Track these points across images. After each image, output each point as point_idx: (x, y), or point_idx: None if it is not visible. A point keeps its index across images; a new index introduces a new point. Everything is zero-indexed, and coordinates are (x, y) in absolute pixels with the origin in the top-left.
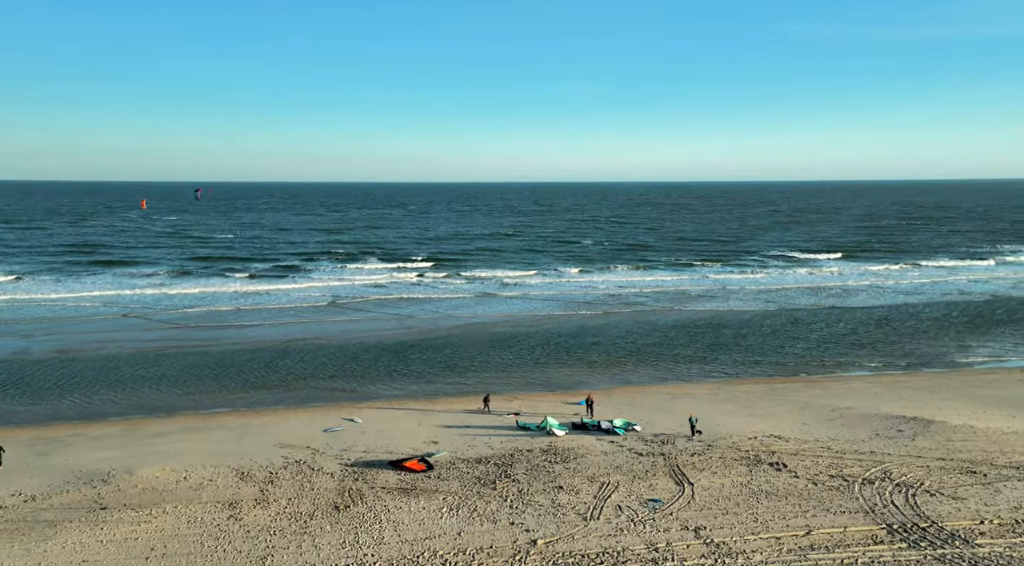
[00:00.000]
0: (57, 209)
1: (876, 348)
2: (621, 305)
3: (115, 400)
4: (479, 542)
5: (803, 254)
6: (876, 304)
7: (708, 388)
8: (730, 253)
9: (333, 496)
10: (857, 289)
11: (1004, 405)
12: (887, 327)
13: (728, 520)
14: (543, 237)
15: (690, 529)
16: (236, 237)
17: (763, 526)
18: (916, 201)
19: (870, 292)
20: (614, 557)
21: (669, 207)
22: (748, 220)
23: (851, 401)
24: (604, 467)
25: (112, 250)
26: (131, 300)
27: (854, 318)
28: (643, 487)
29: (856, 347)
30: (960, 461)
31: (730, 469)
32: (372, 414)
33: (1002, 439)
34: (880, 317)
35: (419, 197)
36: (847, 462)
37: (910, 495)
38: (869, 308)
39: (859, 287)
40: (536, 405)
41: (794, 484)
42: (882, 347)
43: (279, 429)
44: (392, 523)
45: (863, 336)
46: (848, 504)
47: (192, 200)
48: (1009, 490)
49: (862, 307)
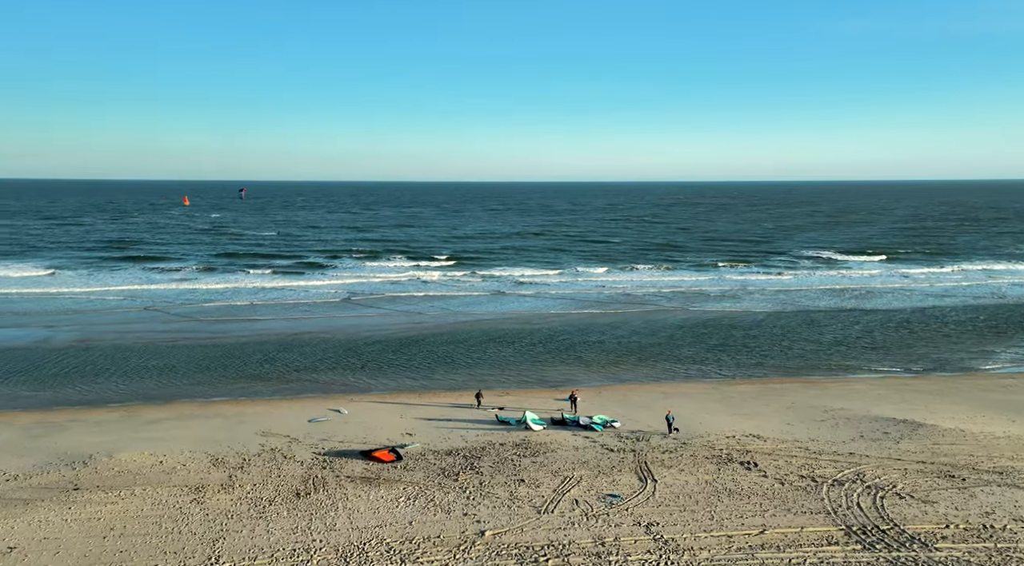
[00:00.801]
0: (103, 206)
1: (890, 351)
2: (633, 304)
3: (120, 387)
4: (428, 531)
5: (838, 255)
6: (900, 306)
7: (703, 388)
8: (760, 253)
9: (297, 483)
10: (884, 291)
11: (1008, 410)
12: (906, 330)
13: (683, 517)
14: (571, 236)
15: (642, 525)
16: (267, 234)
17: (718, 524)
18: (966, 201)
19: (896, 294)
20: (559, 550)
21: (704, 207)
22: (785, 220)
23: (847, 403)
24: (571, 462)
25: (145, 246)
26: (153, 294)
27: (873, 320)
28: (605, 482)
29: (868, 350)
30: (941, 465)
31: (698, 467)
32: (361, 406)
33: (992, 443)
34: (902, 320)
35: (454, 195)
36: (821, 463)
37: (878, 498)
38: (892, 310)
39: (886, 289)
40: (526, 401)
41: (760, 483)
42: (897, 350)
43: (269, 418)
44: (347, 511)
45: (878, 339)
46: (811, 505)
47: (236, 198)
48: (985, 495)
49: (884, 309)
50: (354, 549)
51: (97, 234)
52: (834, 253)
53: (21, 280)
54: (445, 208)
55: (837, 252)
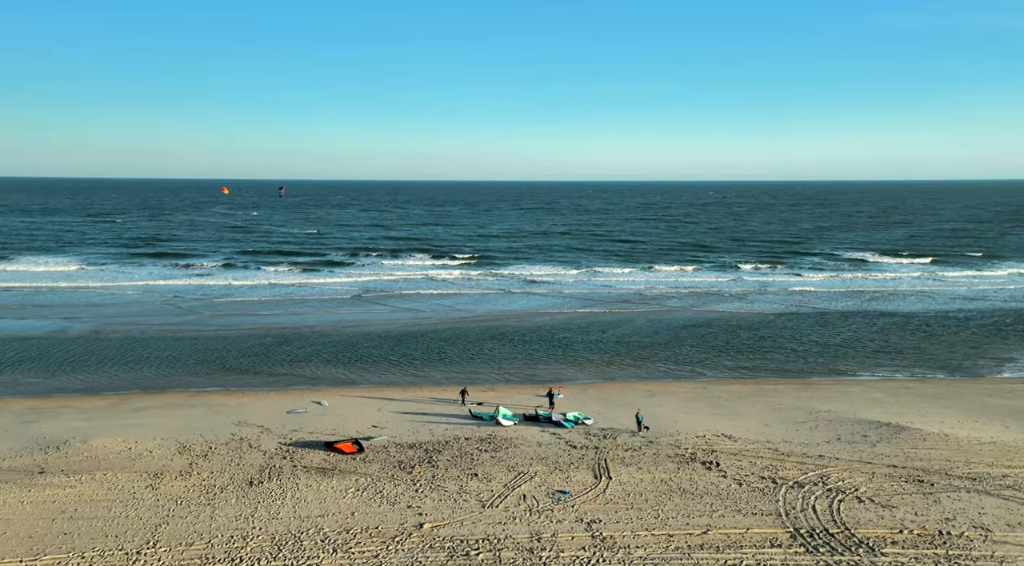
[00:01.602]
0: (147, 204)
1: (901, 354)
2: (643, 304)
3: (119, 376)
4: (368, 522)
5: (874, 256)
6: (924, 309)
7: (692, 387)
8: (790, 254)
9: (253, 472)
10: (909, 293)
11: (1005, 415)
12: (924, 333)
13: (628, 515)
14: (596, 236)
15: (584, 522)
16: (295, 232)
17: (662, 523)
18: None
19: (922, 297)
20: (493, 544)
21: (742, 206)
22: (824, 220)
23: (835, 405)
24: (530, 457)
25: (174, 243)
26: (172, 289)
27: (890, 323)
28: (559, 479)
29: (878, 353)
30: (913, 469)
31: (658, 466)
32: (344, 399)
33: (974, 449)
34: (921, 322)
35: (488, 194)
36: (787, 464)
37: (836, 501)
38: (913, 313)
39: (912, 291)
40: (510, 397)
41: (717, 483)
42: (908, 353)
43: (250, 409)
44: (294, 500)
45: (891, 341)
46: (764, 506)
47: (276, 196)
48: (950, 501)
49: (905, 312)
50: (290, 538)
51: (133, 231)
52: (869, 254)
53: (52, 274)
54: (477, 207)
55: (873, 253)
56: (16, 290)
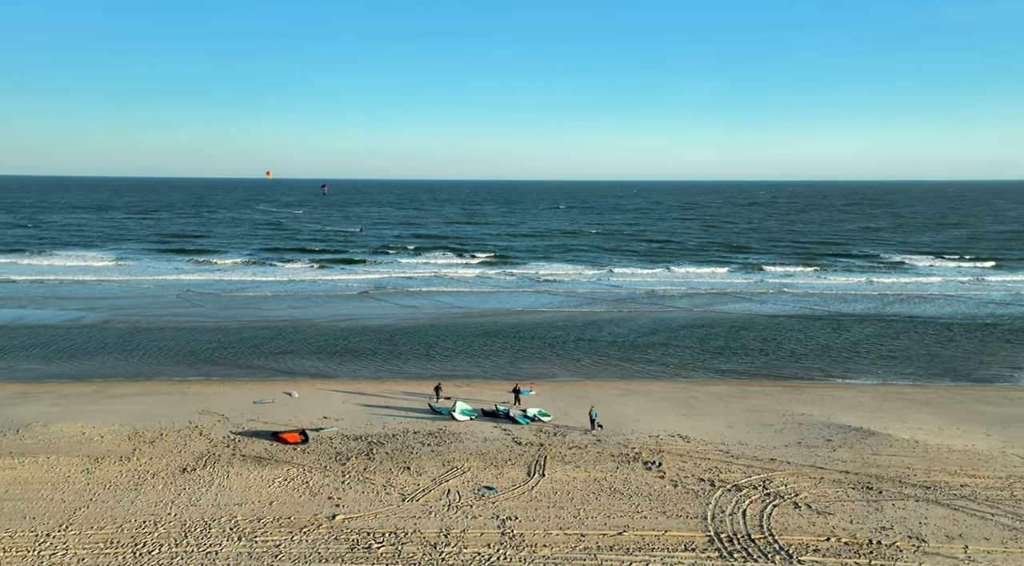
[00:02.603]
0: (200, 201)
1: (909, 359)
2: (651, 304)
3: (110, 364)
4: (283, 512)
5: (917, 258)
6: (951, 313)
7: (671, 387)
8: (827, 256)
9: (190, 459)
10: (937, 297)
11: (991, 423)
12: (942, 338)
13: (548, 513)
14: (627, 235)
15: (500, 518)
16: (326, 229)
17: (579, 522)
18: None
19: (952, 300)
20: (398, 537)
21: (791, 206)
22: (875, 220)
23: (813, 408)
24: (470, 453)
25: (204, 239)
26: (188, 283)
27: (909, 327)
28: (490, 475)
29: (884, 357)
30: (866, 476)
31: (597, 465)
32: (315, 391)
33: (941, 456)
34: (942, 327)
35: (531, 193)
36: (734, 467)
37: (770, 506)
38: (937, 317)
39: (944, 295)
40: (483, 392)
41: (651, 484)
42: (918, 358)
43: (220, 398)
44: (218, 488)
45: (902, 346)
46: (692, 509)
47: (319, 195)
48: (894, 509)
49: (929, 316)
50: (201, 524)
51: (171, 227)
52: (913, 257)
53: (83, 268)
54: (515, 205)
55: (917, 256)
56: (46, 282)
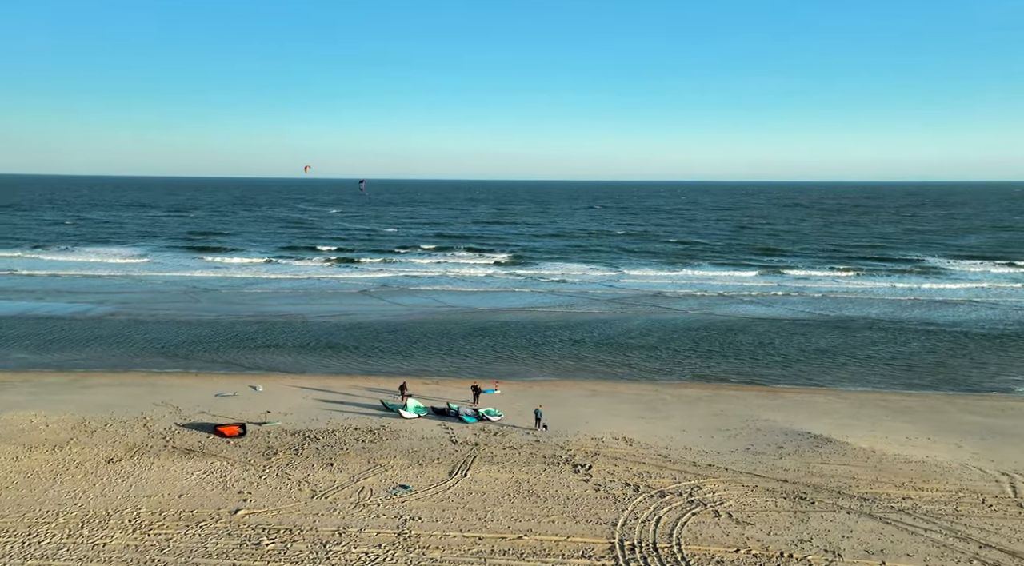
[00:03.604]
0: (242, 200)
1: (911, 367)
2: (654, 305)
3: (96, 354)
4: (188, 506)
5: (959, 263)
6: (974, 318)
7: (643, 389)
8: (860, 259)
9: (121, 450)
10: (967, 302)
11: (968, 434)
12: (954, 344)
13: (452, 514)
14: (654, 236)
15: (402, 518)
16: (356, 229)
17: (482, 525)
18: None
19: (979, 306)
20: (292, 534)
21: (842, 208)
22: (925, 224)
23: (781, 415)
24: (400, 450)
25: (227, 238)
26: (197, 279)
27: (920, 333)
28: (412, 473)
29: (881, 363)
30: (804, 485)
31: (526, 466)
32: (280, 385)
33: (894, 467)
34: (959, 334)
35: (569, 193)
36: (667, 473)
37: (688, 514)
38: (956, 322)
39: (972, 300)
40: (449, 390)
41: (573, 488)
42: (919, 365)
43: (185, 390)
44: (135, 480)
45: (907, 352)
46: (606, 515)
47: (357, 192)
48: (820, 521)
49: (948, 321)
50: (101, 516)
51: (203, 225)
52: (952, 261)
53: (105, 264)
54: (549, 205)
55: (958, 260)
56: (65, 277)
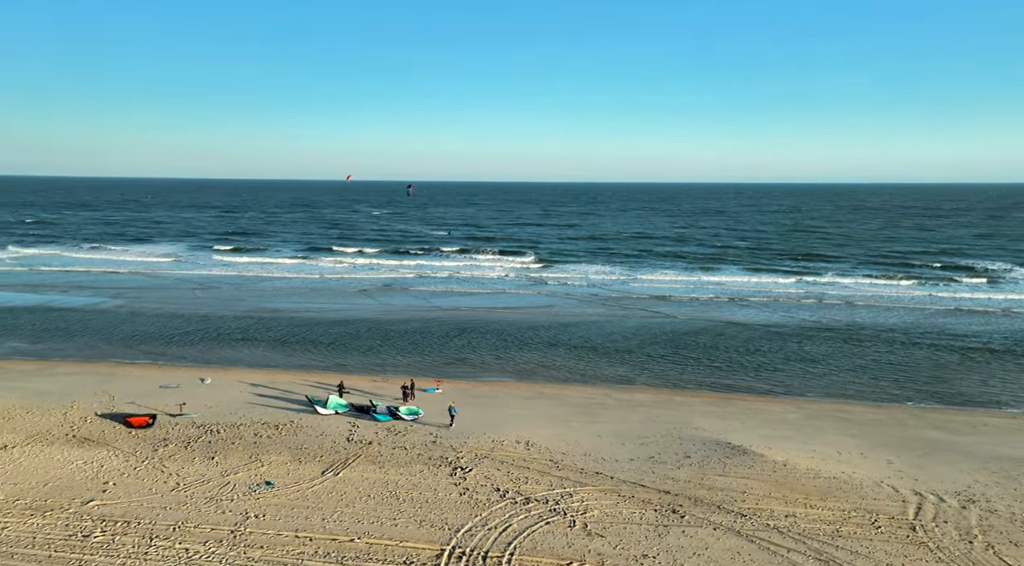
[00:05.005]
0: (298, 202)
1: (904, 381)
2: (646, 309)
3: (77, 344)
4: (47, 494)
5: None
6: (1000, 330)
7: (590, 393)
8: (905, 265)
9: (19, 438)
10: (997, 312)
11: (911, 450)
12: (961, 355)
13: (298, 513)
14: (685, 239)
15: (246, 515)
16: (392, 229)
17: (320, 526)
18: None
19: (1012, 316)
20: (126, 527)
21: (902, 211)
22: (1005, 227)
23: (717, 423)
24: (289, 447)
25: (260, 238)
26: (208, 277)
27: (936, 343)
28: (286, 470)
29: (867, 374)
30: (685, 498)
31: (404, 467)
32: (228, 379)
33: (798, 483)
34: (975, 345)
35: (618, 195)
36: (548, 479)
37: (542, 523)
38: (978, 334)
39: (1005, 310)
40: (394, 388)
41: (438, 491)
42: (913, 379)
43: (136, 380)
44: (15, 466)
45: (911, 364)
46: (455, 520)
47: (404, 196)
48: (677, 537)
49: (960, 333)
50: None
51: (243, 225)
52: (1017, 268)
53: (134, 262)
54: (594, 206)
55: (1000, 265)
56: (96, 273)
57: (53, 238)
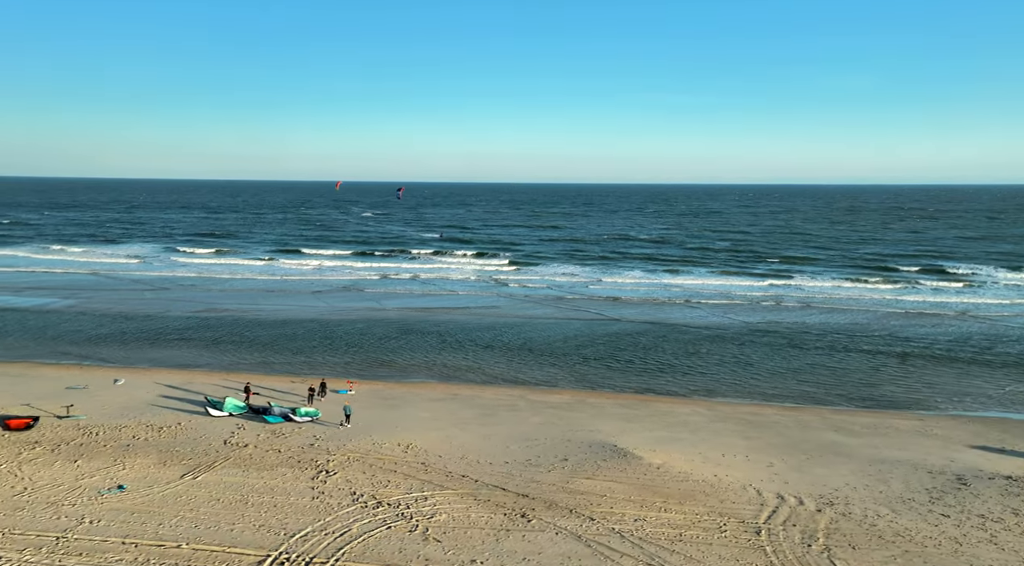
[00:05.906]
0: (296, 203)
1: (822, 382)
2: (597, 310)
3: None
4: None
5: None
6: (958, 333)
7: (503, 395)
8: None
9: None
10: (952, 316)
11: (800, 453)
12: (900, 358)
13: (136, 519)
14: (674, 242)
15: (80, 520)
16: (372, 231)
17: (153, 531)
18: None
19: (967, 320)
20: None
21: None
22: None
23: (616, 425)
24: (160, 449)
25: (235, 239)
26: (171, 278)
27: (875, 347)
28: (147, 472)
29: (792, 377)
30: (540, 502)
31: (268, 471)
32: (145, 379)
33: (663, 486)
34: (923, 347)
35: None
36: (408, 483)
37: (381, 528)
38: (928, 336)
39: (961, 314)
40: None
41: (291, 494)
42: (841, 382)
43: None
44: None
45: (843, 366)
46: (294, 525)
47: (395, 199)
48: (515, 542)
49: (905, 335)
50: None
51: (225, 226)
52: (999, 271)
53: (97, 263)
54: (591, 208)
55: (1008, 271)
56: (58, 273)
57: (25, 239)
